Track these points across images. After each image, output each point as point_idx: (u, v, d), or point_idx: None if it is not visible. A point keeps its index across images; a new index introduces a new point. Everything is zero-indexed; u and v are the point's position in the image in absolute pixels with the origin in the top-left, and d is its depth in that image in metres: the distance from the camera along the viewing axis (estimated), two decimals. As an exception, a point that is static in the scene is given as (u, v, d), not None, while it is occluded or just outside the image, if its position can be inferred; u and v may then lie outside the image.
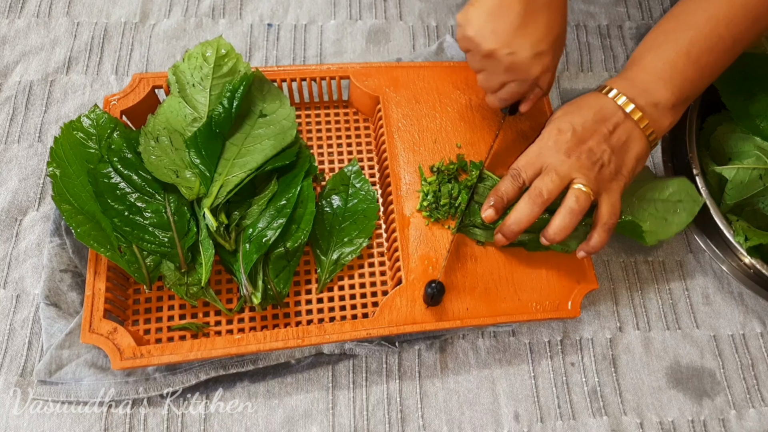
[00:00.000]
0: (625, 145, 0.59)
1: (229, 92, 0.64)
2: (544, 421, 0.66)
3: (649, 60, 0.61)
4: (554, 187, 0.57)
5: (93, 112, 0.64)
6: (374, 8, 0.90)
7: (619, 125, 0.59)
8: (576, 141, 0.58)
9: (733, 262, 0.70)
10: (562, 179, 0.57)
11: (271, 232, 0.62)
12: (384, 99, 0.72)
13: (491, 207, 0.60)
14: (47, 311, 0.64)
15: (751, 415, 0.68)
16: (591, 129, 0.58)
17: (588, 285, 0.65)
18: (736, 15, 0.58)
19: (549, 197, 0.57)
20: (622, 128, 0.59)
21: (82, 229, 0.59)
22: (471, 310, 0.62)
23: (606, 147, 0.58)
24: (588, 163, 0.57)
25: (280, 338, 0.58)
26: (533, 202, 0.57)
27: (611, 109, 0.60)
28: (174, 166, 0.62)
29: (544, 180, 0.57)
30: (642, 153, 0.60)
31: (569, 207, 0.56)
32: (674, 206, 0.67)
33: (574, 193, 0.56)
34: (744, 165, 0.70)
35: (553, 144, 0.58)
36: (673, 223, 0.67)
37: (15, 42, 0.81)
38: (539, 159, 0.59)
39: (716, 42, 0.59)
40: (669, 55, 0.60)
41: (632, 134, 0.59)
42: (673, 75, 0.59)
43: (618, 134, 0.59)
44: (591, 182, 0.57)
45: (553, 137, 0.59)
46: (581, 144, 0.57)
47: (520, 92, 0.63)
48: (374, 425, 0.64)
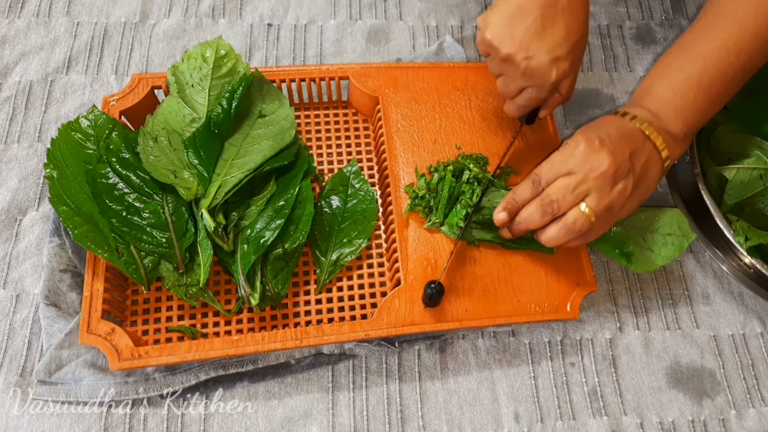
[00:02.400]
0: (644, 168, 0.57)
1: (228, 93, 0.64)
2: (544, 421, 0.66)
3: (660, 90, 0.60)
4: (568, 203, 0.55)
5: (91, 113, 0.64)
6: (374, 8, 0.90)
7: (641, 146, 0.57)
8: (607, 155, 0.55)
9: (733, 262, 0.70)
10: (578, 195, 0.55)
11: (269, 233, 0.62)
12: (383, 99, 0.72)
13: (505, 210, 0.60)
14: (47, 311, 0.64)
15: (751, 415, 0.68)
16: (617, 143, 0.56)
17: (587, 287, 0.65)
18: (746, 43, 0.57)
19: (560, 209, 0.56)
20: (644, 149, 0.57)
21: (80, 231, 0.59)
22: (470, 311, 0.62)
23: (630, 166, 0.56)
24: (611, 183, 0.55)
25: (278, 339, 0.58)
26: (543, 212, 0.56)
27: (632, 129, 0.58)
28: (172, 167, 0.62)
29: (560, 191, 0.55)
30: (656, 180, 0.59)
31: (566, 224, 0.56)
32: (663, 239, 0.66)
33: (576, 214, 0.55)
34: (744, 165, 0.69)
35: (580, 153, 0.56)
36: (659, 256, 0.66)
37: (15, 42, 0.81)
38: (563, 168, 0.56)
39: (726, 71, 0.58)
40: (679, 86, 0.59)
41: (651, 157, 0.57)
42: (684, 105, 0.59)
43: (639, 155, 0.57)
44: (602, 204, 0.55)
45: (581, 148, 0.56)
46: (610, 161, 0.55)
47: (538, 98, 0.62)
48: (374, 425, 0.64)
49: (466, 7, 0.92)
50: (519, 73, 0.59)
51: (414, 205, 0.66)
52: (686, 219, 0.67)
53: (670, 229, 0.67)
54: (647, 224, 0.66)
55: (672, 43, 0.87)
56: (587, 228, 0.56)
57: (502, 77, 0.62)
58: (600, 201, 0.55)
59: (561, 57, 0.57)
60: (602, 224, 0.57)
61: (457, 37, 0.88)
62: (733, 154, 0.71)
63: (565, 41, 0.57)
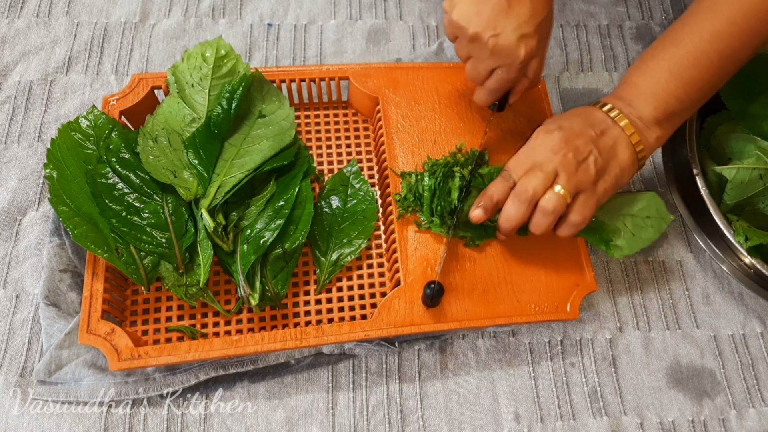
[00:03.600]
0: (611, 150, 0.59)
1: (228, 93, 0.64)
2: (544, 421, 0.66)
3: (635, 77, 0.62)
4: (539, 183, 0.57)
5: (91, 113, 0.64)
6: (374, 8, 0.90)
7: (606, 131, 0.59)
8: (563, 138, 0.58)
9: (734, 262, 0.70)
10: (547, 176, 0.57)
11: (269, 233, 0.62)
12: (383, 100, 0.72)
13: (480, 207, 0.60)
14: (47, 311, 0.64)
15: (752, 415, 0.68)
16: (579, 131, 0.59)
17: (587, 287, 0.65)
18: (721, 31, 0.58)
19: (534, 194, 0.57)
20: (609, 134, 0.59)
21: (79, 231, 0.59)
22: (469, 311, 0.62)
23: (593, 147, 0.58)
24: (573, 162, 0.57)
25: (278, 339, 0.58)
26: (519, 201, 0.57)
27: (599, 117, 0.60)
28: (172, 167, 0.62)
29: (529, 178, 0.57)
30: (628, 162, 0.60)
31: (542, 207, 0.57)
32: (643, 221, 0.67)
33: (548, 195, 0.56)
34: (744, 165, 0.69)
35: (540, 143, 0.59)
36: (640, 239, 0.67)
37: (15, 42, 0.81)
38: (528, 158, 0.59)
39: (699, 57, 0.59)
40: (653, 72, 0.60)
41: (619, 140, 0.59)
42: (656, 90, 0.60)
43: (605, 139, 0.59)
44: (572, 182, 0.57)
45: (540, 137, 0.60)
46: (568, 143, 0.58)
47: (508, 80, 0.62)
48: (374, 425, 0.64)
49: (466, 7, 0.91)
50: (487, 53, 0.59)
51: (401, 208, 0.66)
52: (662, 201, 0.68)
53: (649, 212, 0.67)
54: (626, 209, 0.67)
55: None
56: (563, 206, 0.56)
57: (471, 60, 0.62)
58: (569, 181, 0.56)
59: (528, 34, 0.58)
60: (582, 206, 0.58)
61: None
62: (733, 154, 0.72)
63: (532, 18, 0.57)
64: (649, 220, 0.67)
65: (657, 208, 0.68)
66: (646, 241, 0.67)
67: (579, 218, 0.58)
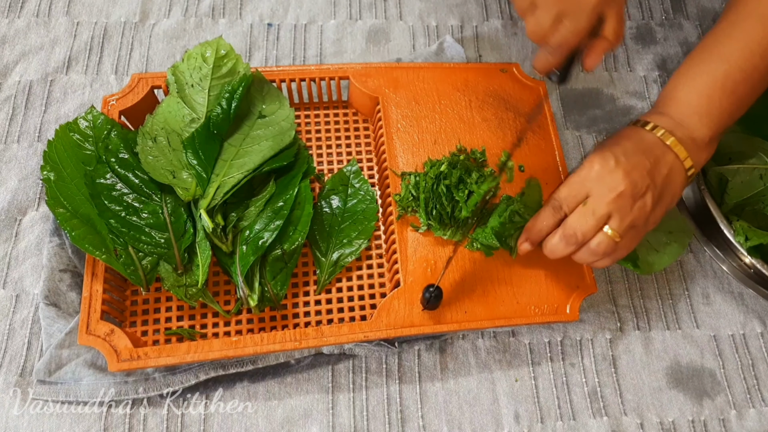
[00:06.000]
0: (666, 180, 0.56)
1: (228, 93, 0.64)
2: (545, 421, 0.66)
3: (684, 94, 0.59)
4: (590, 228, 0.54)
5: (90, 113, 0.64)
6: (374, 8, 0.90)
7: (660, 159, 0.56)
8: (622, 176, 0.54)
9: (734, 262, 0.70)
10: (600, 219, 0.54)
11: (268, 234, 0.62)
12: (383, 100, 0.72)
13: (528, 241, 0.59)
14: (47, 311, 0.64)
15: (752, 415, 0.68)
16: (634, 160, 0.55)
17: (587, 289, 0.65)
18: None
19: (584, 238, 0.55)
20: (664, 161, 0.56)
21: (77, 233, 0.59)
22: (469, 313, 0.62)
23: (650, 181, 0.55)
24: (630, 202, 0.54)
25: (277, 340, 0.58)
26: (567, 243, 0.55)
27: (652, 141, 0.57)
28: (171, 167, 0.62)
29: (580, 222, 0.55)
30: (680, 189, 0.57)
31: (591, 249, 0.55)
32: (665, 237, 0.67)
33: (599, 238, 0.54)
34: (745, 165, 0.69)
35: (596, 177, 0.55)
36: (665, 254, 0.66)
37: (15, 42, 0.81)
38: (581, 191, 0.55)
39: (751, 73, 0.57)
40: (704, 89, 0.57)
41: (674, 168, 0.56)
42: (710, 110, 0.57)
43: (660, 168, 0.56)
44: (623, 224, 0.54)
45: (596, 170, 0.55)
46: (625, 177, 0.54)
47: (577, 31, 0.54)
48: (374, 426, 0.64)
49: (466, 7, 0.91)
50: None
51: (401, 208, 0.66)
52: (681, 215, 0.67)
53: (670, 227, 0.67)
54: None
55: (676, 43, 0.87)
56: (613, 248, 0.55)
57: (534, 12, 0.55)
58: (622, 221, 0.54)
59: None
60: (630, 241, 0.56)
61: (457, 37, 0.88)
62: (733, 154, 0.71)
63: None
64: (672, 235, 0.67)
65: (678, 222, 0.67)
66: (672, 257, 0.66)
67: (624, 253, 0.57)
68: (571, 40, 0.55)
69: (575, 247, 0.56)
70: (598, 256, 0.55)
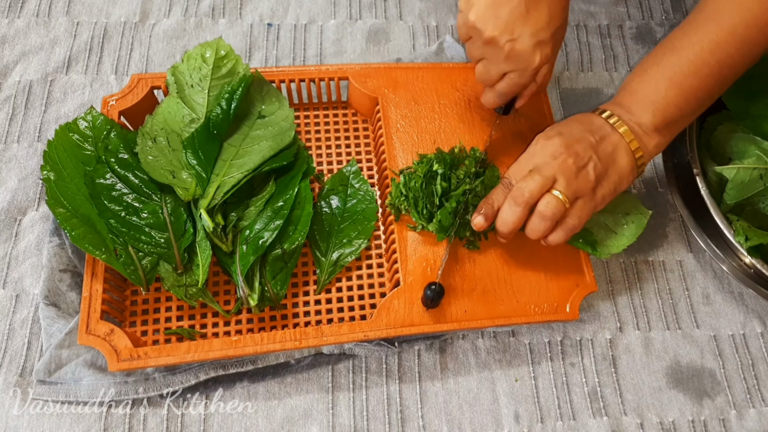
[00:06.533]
0: (611, 156, 0.59)
1: (228, 93, 0.64)
2: (545, 421, 0.66)
3: (635, 84, 0.62)
4: (536, 186, 0.56)
5: (89, 114, 0.64)
6: (374, 8, 0.90)
7: (605, 137, 0.59)
8: (563, 144, 0.58)
9: (734, 262, 0.70)
10: (545, 180, 0.56)
11: (268, 234, 0.62)
12: (383, 100, 0.72)
13: (481, 215, 0.60)
14: (46, 311, 0.64)
15: (752, 415, 0.68)
16: (578, 136, 0.58)
17: (586, 288, 0.65)
18: (722, 40, 0.58)
19: (530, 197, 0.56)
20: (609, 140, 0.59)
21: (77, 233, 0.59)
22: (469, 312, 0.62)
23: (592, 153, 0.58)
24: (573, 167, 0.56)
25: (277, 340, 0.58)
26: (515, 203, 0.57)
27: (599, 123, 0.60)
28: (171, 167, 0.62)
29: (526, 180, 0.57)
30: (627, 169, 0.59)
31: (539, 211, 0.56)
32: (623, 219, 0.68)
33: (547, 198, 0.56)
34: (744, 165, 0.69)
35: (540, 148, 0.59)
36: (624, 236, 0.67)
37: (15, 42, 0.81)
38: (528, 164, 0.58)
39: (700, 66, 0.58)
40: (652, 79, 0.60)
41: (618, 146, 0.59)
42: (655, 98, 0.59)
43: (604, 145, 0.59)
44: (571, 187, 0.56)
45: (540, 143, 0.59)
46: (568, 148, 0.57)
47: (519, 84, 0.61)
48: (374, 425, 0.64)
49: (466, 7, 0.91)
50: (502, 57, 0.59)
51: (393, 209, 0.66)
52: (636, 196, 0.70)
53: (626, 209, 0.68)
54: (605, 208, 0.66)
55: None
56: (561, 211, 0.56)
57: (483, 62, 0.62)
58: (568, 185, 0.56)
59: (544, 41, 0.58)
60: (580, 211, 0.58)
61: (457, 37, 0.88)
62: (733, 153, 0.71)
63: (548, 25, 0.57)
64: (629, 216, 0.68)
65: (634, 204, 0.68)
66: (630, 238, 0.67)
67: (576, 222, 0.58)
68: (514, 90, 0.63)
69: (522, 207, 0.57)
70: (548, 219, 0.56)
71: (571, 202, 0.57)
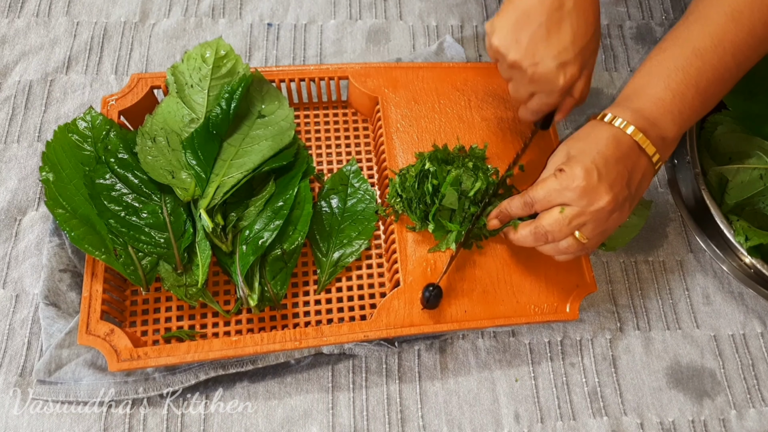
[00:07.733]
0: (640, 186, 0.56)
1: (228, 93, 0.64)
2: (545, 421, 0.66)
3: (657, 91, 0.57)
4: (562, 236, 0.55)
5: (89, 114, 0.64)
6: (374, 8, 0.90)
7: (636, 164, 0.55)
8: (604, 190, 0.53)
9: (734, 262, 0.70)
10: (572, 230, 0.54)
11: (268, 234, 0.62)
12: (383, 99, 0.72)
13: (497, 219, 0.61)
14: (46, 311, 0.64)
15: (752, 415, 0.68)
16: (614, 172, 0.53)
17: (586, 288, 0.65)
18: (742, 42, 0.55)
19: (553, 241, 0.56)
20: (638, 167, 0.55)
21: (77, 233, 0.59)
22: (469, 312, 0.62)
23: (627, 192, 0.54)
24: (607, 215, 0.54)
25: (277, 340, 0.58)
26: (536, 239, 0.57)
27: (628, 145, 0.55)
28: (170, 167, 0.62)
29: (554, 227, 0.54)
30: (646, 187, 0.58)
31: (558, 248, 0.56)
32: None
33: (569, 242, 0.55)
34: (745, 165, 0.69)
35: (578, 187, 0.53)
36: (627, 229, 0.68)
37: (15, 42, 0.81)
38: (559, 198, 0.54)
39: (723, 72, 0.56)
40: (678, 87, 0.56)
41: (646, 172, 0.56)
42: (682, 109, 0.56)
43: (635, 175, 0.55)
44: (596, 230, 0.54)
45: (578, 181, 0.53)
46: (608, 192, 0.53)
47: (549, 103, 0.61)
48: (374, 425, 0.64)
49: (466, 7, 0.91)
50: (527, 80, 0.59)
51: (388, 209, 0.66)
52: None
53: None
54: None
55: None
56: (579, 250, 0.56)
57: (512, 82, 0.62)
58: (595, 229, 0.54)
59: (568, 61, 0.57)
60: (597, 241, 0.57)
61: (457, 37, 0.88)
62: (733, 154, 0.71)
63: (573, 45, 0.56)
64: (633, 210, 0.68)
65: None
66: (634, 230, 0.68)
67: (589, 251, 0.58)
68: (545, 108, 0.62)
69: (542, 243, 0.57)
70: (563, 254, 0.57)
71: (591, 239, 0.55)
